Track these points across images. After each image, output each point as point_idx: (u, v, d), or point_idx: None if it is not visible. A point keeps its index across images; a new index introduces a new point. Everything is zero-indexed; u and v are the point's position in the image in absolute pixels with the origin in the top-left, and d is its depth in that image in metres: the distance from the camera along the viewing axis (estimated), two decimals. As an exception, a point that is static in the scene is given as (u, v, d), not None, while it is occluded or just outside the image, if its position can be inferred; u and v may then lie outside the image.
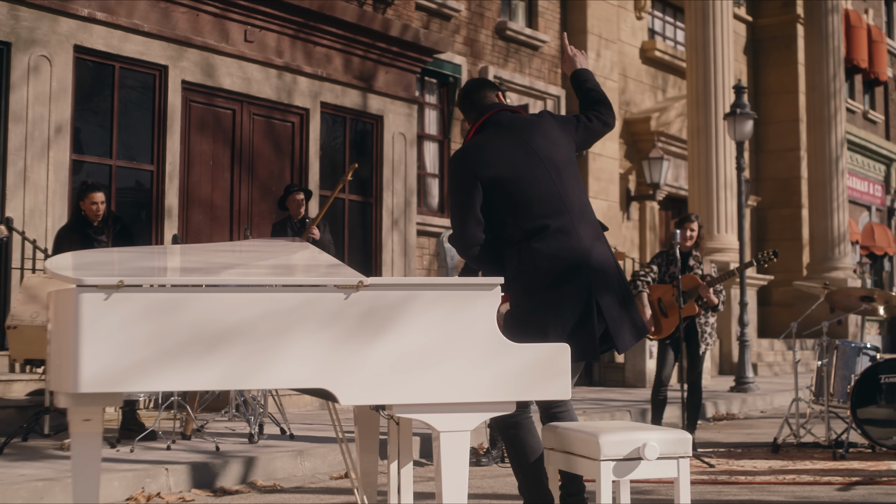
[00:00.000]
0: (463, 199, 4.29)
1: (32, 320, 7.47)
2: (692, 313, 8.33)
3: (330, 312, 3.57)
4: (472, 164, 4.36)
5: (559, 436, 4.35)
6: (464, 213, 4.29)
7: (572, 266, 4.29)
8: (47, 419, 8.03)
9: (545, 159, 4.40)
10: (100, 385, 3.40)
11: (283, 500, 6.55)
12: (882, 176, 31.19)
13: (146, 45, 10.83)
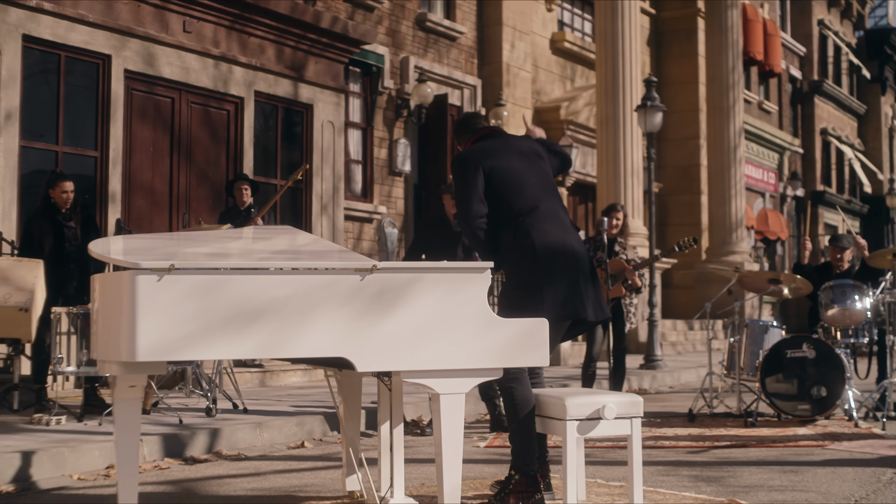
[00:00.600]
0: (468, 182, 4.99)
1: (6, 301, 7.87)
2: (619, 295, 9.08)
3: (348, 291, 4.16)
4: (477, 157, 5.10)
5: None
6: (469, 192, 5.00)
7: (560, 243, 5.00)
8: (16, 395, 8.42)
9: (534, 160, 5.11)
10: (154, 354, 3.93)
11: (251, 466, 7.08)
12: (776, 164, 32.62)
13: (91, 34, 11.16)
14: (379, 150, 16.67)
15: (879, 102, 42.73)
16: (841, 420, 9.16)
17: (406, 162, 16.96)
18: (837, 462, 6.82)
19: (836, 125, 38.60)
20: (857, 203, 40.30)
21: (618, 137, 19.47)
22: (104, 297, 4.35)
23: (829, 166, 37.84)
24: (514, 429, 4.90)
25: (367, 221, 16.18)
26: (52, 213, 8.70)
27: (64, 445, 6.89)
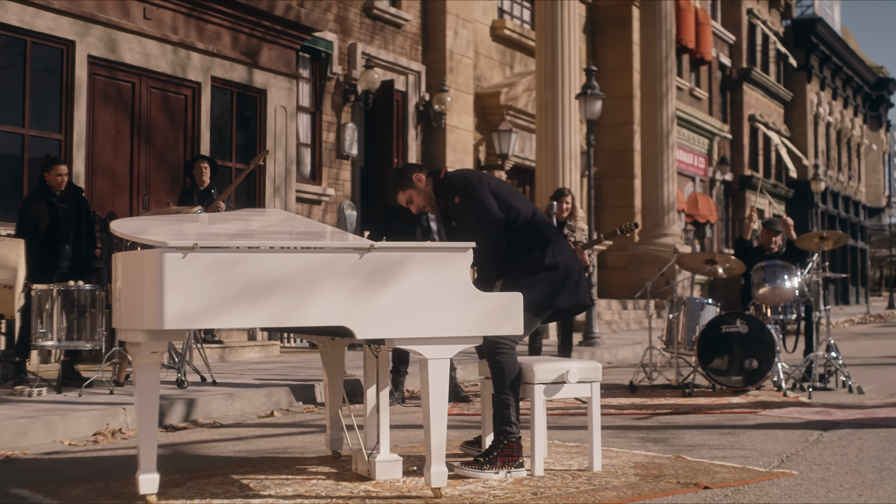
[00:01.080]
0: (487, 200, 5.62)
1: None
2: (567, 273, 9.69)
3: (349, 268, 4.70)
4: (484, 181, 5.66)
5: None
6: (491, 208, 5.60)
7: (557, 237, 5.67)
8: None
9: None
10: (179, 323, 4.45)
11: (230, 432, 7.58)
12: (705, 149, 33.59)
13: (56, 21, 11.50)
14: (327, 134, 17.13)
15: (805, 90, 44.01)
16: (770, 391, 9.89)
17: (353, 146, 17.45)
18: (769, 426, 7.52)
19: (764, 112, 39.74)
20: (783, 187, 41.54)
21: (556, 123, 20.10)
22: (127, 274, 4.85)
23: (757, 152, 38.97)
24: (502, 398, 5.44)
25: (316, 203, 16.66)
26: (47, 195, 9.14)
27: (54, 414, 7.34)
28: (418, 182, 5.81)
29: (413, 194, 5.81)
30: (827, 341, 10.10)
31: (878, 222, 55.90)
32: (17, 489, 5.28)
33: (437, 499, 4.83)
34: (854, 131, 52.78)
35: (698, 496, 4.90)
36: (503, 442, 5.40)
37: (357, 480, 5.35)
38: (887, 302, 44.77)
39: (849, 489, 5.06)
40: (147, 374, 4.82)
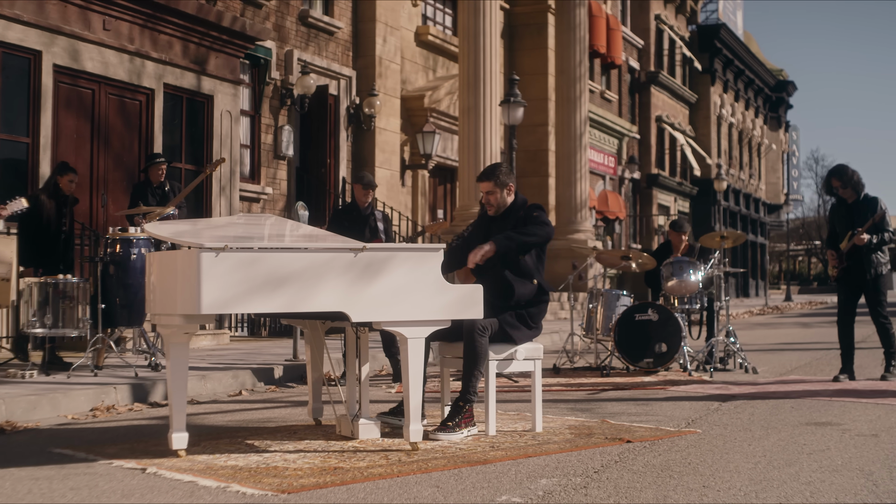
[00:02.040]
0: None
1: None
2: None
3: (345, 265, 5.83)
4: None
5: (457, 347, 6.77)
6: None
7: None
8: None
9: None
10: (213, 309, 5.54)
11: (212, 407, 8.63)
12: (615, 149, 35.19)
13: (24, 32, 12.37)
14: (265, 136, 18.14)
15: (709, 92, 46.01)
16: (677, 371, 11.24)
17: (290, 147, 18.49)
18: (676, 398, 8.83)
19: (670, 113, 41.56)
20: (688, 185, 43.44)
21: (479, 126, 21.33)
22: (161, 270, 5.93)
23: (663, 151, 40.76)
24: (473, 371, 6.59)
25: (254, 201, 17.67)
26: (57, 195, 10.13)
27: (56, 392, 8.33)
28: (509, 192, 6.98)
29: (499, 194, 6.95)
30: (726, 328, 11.48)
31: (777, 218, 58.39)
32: (58, 449, 6.31)
33: (415, 451, 5.99)
34: (755, 131, 55.13)
35: (623, 448, 6.14)
36: (464, 407, 6.58)
37: (343, 440, 6.49)
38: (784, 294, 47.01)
39: (741, 441, 6.35)
40: (179, 351, 5.90)
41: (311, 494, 4.86)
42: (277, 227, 6.88)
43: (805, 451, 5.96)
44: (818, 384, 9.87)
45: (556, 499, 4.70)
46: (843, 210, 10.08)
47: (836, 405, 8.17)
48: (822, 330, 20.88)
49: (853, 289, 10.10)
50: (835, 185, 10.04)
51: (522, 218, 6.98)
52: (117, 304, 9.99)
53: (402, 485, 5.08)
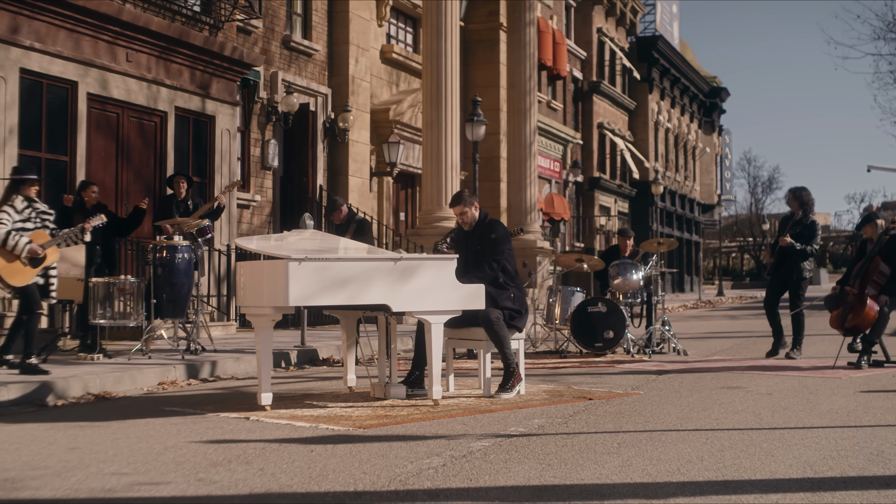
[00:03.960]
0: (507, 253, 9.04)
1: (67, 273, 11.32)
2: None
3: (388, 270, 8.07)
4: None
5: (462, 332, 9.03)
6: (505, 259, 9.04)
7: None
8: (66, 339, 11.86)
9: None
10: (297, 302, 7.74)
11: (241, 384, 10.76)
12: (560, 154, 37.63)
13: (64, 66, 14.39)
14: (254, 150, 20.26)
15: (647, 99, 48.69)
16: (622, 354, 13.58)
17: (275, 158, 20.61)
18: (622, 373, 11.17)
19: (611, 120, 44.13)
20: (627, 187, 46.06)
21: (441, 138, 23.53)
22: (250, 274, 8.14)
23: (605, 156, 43.32)
24: (501, 347, 8.79)
25: (245, 208, 19.78)
26: (82, 209, 12.16)
27: (132, 370, 10.44)
28: (474, 208, 9.19)
29: (469, 212, 9.17)
30: (662, 319, 13.87)
31: (711, 217, 61.37)
32: (168, 407, 8.48)
33: (437, 405, 8.25)
34: (690, 136, 58.02)
35: (587, 403, 8.45)
36: (514, 372, 8.85)
37: (378, 400, 8.73)
38: (717, 290, 49.84)
39: (671, 398, 8.69)
40: (265, 333, 8.11)
41: (378, 430, 7.09)
42: (332, 241, 9.11)
43: (717, 403, 8.32)
44: (735, 362, 12.29)
45: (547, 430, 6.98)
46: (787, 221, 12.70)
47: (746, 375, 10.58)
48: (747, 321, 23.43)
49: (780, 284, 12.62)
50: (790, 199, 12.69)
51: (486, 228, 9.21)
52: (164, 299, 12.09)
53: (438, 423, 7.33)
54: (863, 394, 8.93)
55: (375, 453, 6.03)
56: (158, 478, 5.39)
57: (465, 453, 5.98)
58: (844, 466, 5.49)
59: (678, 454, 5.86)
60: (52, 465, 5.82)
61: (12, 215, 10.16)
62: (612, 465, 5.57)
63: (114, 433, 7.05)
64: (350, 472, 5.46)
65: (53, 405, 8.90)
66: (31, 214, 10.35)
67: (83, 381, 9.64)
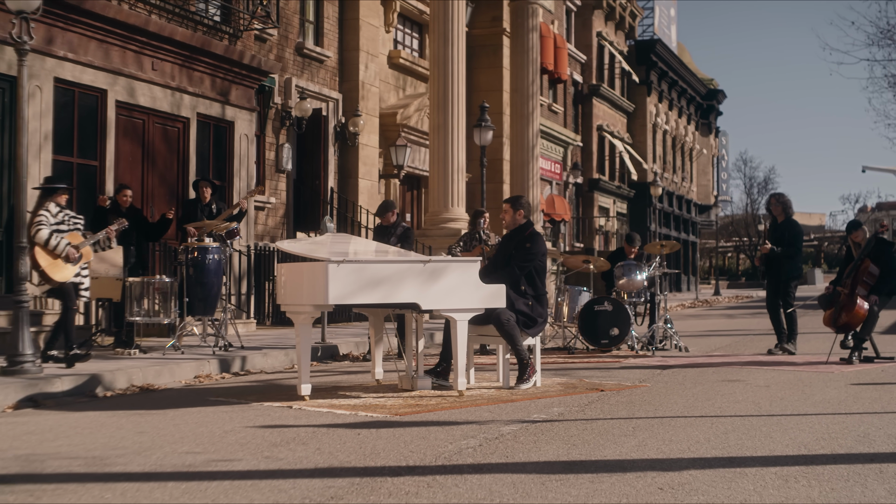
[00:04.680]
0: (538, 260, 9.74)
1: (107, 273, 12.03)
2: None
3: (418, 271, 8.79)
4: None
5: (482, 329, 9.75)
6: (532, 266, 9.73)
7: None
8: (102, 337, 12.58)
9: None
10: (335, 300, 8.45)
11: (282, 376, 11.49)
12: (561, 157, 38.36)
13: (95, 75, 15.10)
14: (269, 153, 20.97)
15: (645, 102, 49.45)
16: (626, 351, 14.31)
17: (289, 162, 21.32)
18: (629, 367, 11.89)
19: (610, 122, 44.88)
20: (626, 188, 46.82)
21: (447, 142, 24.22)
22: (290, 275, 8.86)
23: (604, 158, 44.07)
24: (514, 344, 9.50)
25: (260, 210, 20.49)
26: (117, 210, 12.88)
27: (170, 364, 11.14)
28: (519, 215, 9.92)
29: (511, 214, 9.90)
30: (665, 317, 14.60)
31: (707, 218, 62.15)
32: (213, 398, 9.19)
33: (461, 396, 8.97)
34: (687, 137, 58.79)
35: (599, 394, 9.17)
36: (527, 366, 9.55)
37: (406, 391, 9.44)
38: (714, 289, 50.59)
39: (677, 390, 9.41)
40: (305, 328, 8.82)
41: (413, 416, 7.80)
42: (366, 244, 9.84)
43: (719, 394, 9.05)
44: (734, 358, 13.02)
45: (566, 416, 7.70)
46: (774, 226, 13.40)
47: (745, 370, 11.32)
48: (744, 320, 24.18)
49: (774, 284, 13.37)
50: (773, 205, 13.42)
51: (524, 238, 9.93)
52: (195, 298, 12.81)
53: (466, 411, 8.05)
54: (853, 386, 9.67)
55: (416, 436, 6.75)
56: (229, 455, 6.10)
57: (496, 436, 6.70)
58: (834, 446, 6.22)
59: (687, 436, 6.59)
60: (128, 445, 6.54)
61: (49, 218, 10.88)
62: (630, 444, 6.29)
63: (172, 419, 7.77)
64: (398, 450, 6.18)
65: (103, 396, 9.60)
66: (63, 218, 11.08)
67: (127, 374, 10.35)
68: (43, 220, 10.75)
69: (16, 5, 10.07)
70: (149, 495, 5.01)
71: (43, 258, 10.63)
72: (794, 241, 13.28)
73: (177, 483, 5.28)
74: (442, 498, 4.86)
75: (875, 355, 12.29)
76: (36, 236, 10.62)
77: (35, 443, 6.72)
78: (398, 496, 4.90)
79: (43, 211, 10.86)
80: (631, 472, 5.39)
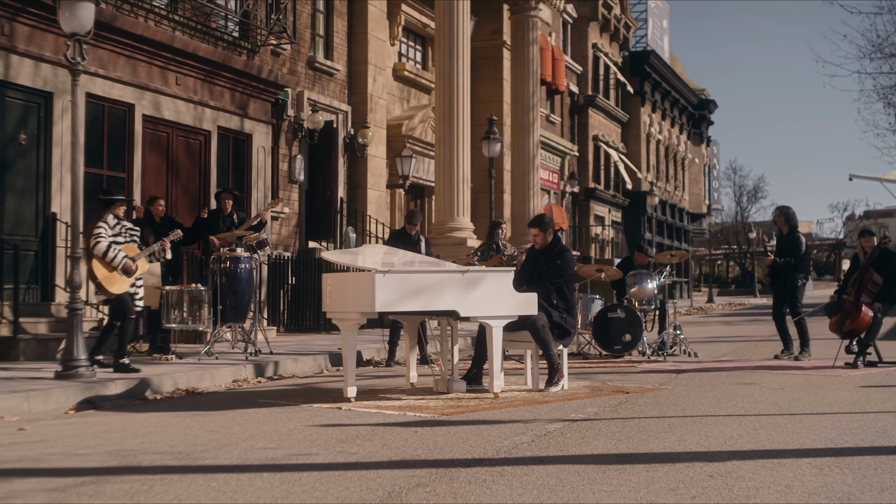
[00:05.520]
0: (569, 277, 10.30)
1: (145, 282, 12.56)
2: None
3: (457, 280, 9.35)
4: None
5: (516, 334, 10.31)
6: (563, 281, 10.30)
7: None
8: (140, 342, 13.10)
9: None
10: (382, 308, 9.01)
11: (315, 380, 12.03)
12: (558, 166, 38.98)
13: (123, 90, 15.63)
14: (282, 165, 21.52)
15: (640, 112, 50.15)
16: (638, 357, 14.89)
17: (301, 173, 21.87)
18: (645, 372, 12.47)
19: (605, 132, 45.54)
20: (620, 197, 47.47)
21: (453, 153, 24.84)
22: (334, 285, 9.43)
23: (599, 167, 44.73)
24: (546, 350, 10.07)
25: (275, 220, 21.02)
26: (151, 222, 13.41)
27: (210, 369, 11.67)
28: (549, 234, 10.48)
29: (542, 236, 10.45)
30: (674, 324, 15.19)
31: (700, 226, 62.89)
32: (262, 399, 9.73)
33: (497, 398, 9.53)
34: (680, 147, 59.53)
35: (625, 396, 9.74)
36: (557, 370, 10.12)
37: (441, 394, 10.00)
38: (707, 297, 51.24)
39: (698, 392, 9.99)
40: (351, 335, 9.37)
41: (458, 416, 8.35)
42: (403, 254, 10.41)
43: (738, 396, 9.63)
44: (743, 363, 13.61)
45: (602, 416, 8.27)
46: (779, 238, 14.01)
47: (756, 374, 11.91)
48: (742, 327, 24.81)
49: (780, 295, 13.95)
50: (778, 218, 14.01)
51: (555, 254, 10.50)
52: (227, 305, 13.34)
53: (506, 412, 8.61)
54: (862, 388, 10.27)
55: (470, 433, 7.31)
56: (304, 451, 6.65)
57: (544, 433, 7.27)
58: (857, 440, 6.81)
59: (720, 433, 7.17)
60: (205, 442, 7.08)
61: (108, 230, 11.39)
62: (671, 440, 6.86)
63: (234, 419, 8.30)
64: (459, 446, 6.74)
65: (153, 399, 10.14)
66: (120, 230, 11.59)
67: (173, 378, 10.88)
68: (102, 233, 11.25)
69: (70, 27, 10.61)
70: (250, 483, 5.55)
71: (100, 270, 11.14)
72: (795, 252, 13.88)
73: (270, 474, 5.83)
74: (517, 484, 5.42)
75: (878, 360, 12.89)
76: (94, 248, 11.13)
77: (117, 440, 7.24)
78: (477, 483, 5.45)
79: (101, 223, 11.36)
80: (679, 463, 5.96)
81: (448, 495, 5.18)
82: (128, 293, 11.48)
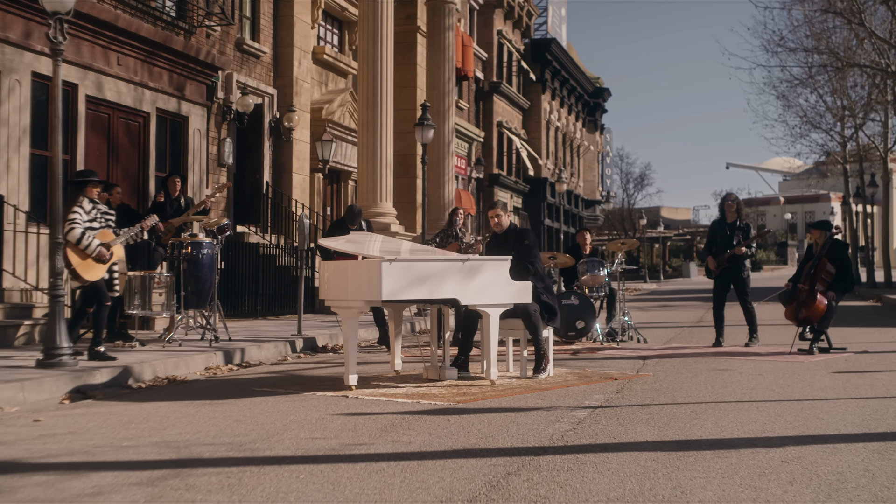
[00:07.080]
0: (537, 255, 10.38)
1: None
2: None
3: (458, 269, 9.41)
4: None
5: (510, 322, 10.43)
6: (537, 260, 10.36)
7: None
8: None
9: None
10: (387, 296, 9.02)
11: (281, 369, 11.95)
12: (466, 152, 39.19)
13: (68, 70, 15.20)
14: (211, 147, 21.19)
15: (540, 99, 50.69)
16: (589, 343, 15.15)
17: (230, 156, 21.58)
18: (611, 358, 12.70)
19: (509, 119, 45.93)
20: (522, 184, 47.97)
21: (376, 138, 24.78)
22: (333, 272, 9.40)
23: (503, 153, 45.10)
24: (536, 336, 10.20)
25: (204, 203, 20.71)
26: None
27: (184, 356, 11.50)
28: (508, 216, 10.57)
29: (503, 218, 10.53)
30: (623, 310, 15.49)
31: (593, 212, 63.94)
32: (256, 388, 9.65)
33: (494, 386, 9.63)
34: (576, 134, 60.39)
35: (615, 383, 9.94)
36: (544, 356, 10.24)
37: (434, 381, 10.05)
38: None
39: (681, 379, 10.25)
40: (352, 323, 9.37)
41: (474, 404, 8.42)
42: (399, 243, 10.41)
43: (722, 383, 9.92)
44: (696, 348, 13.98)
45: (613, 403, 8.44)
46: (725, 227, 14.25)
47: (724, 359, 12.26)
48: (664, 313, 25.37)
49: (726, 283, 14.30)
50: (729, 206, 14.25)
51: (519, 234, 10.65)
52: (189, 291, 13.14)
53: (515, 399, 8.72)
54: (836, 374, 10.66)
55: (505, 421, 7.39)
56: (356, 441, 6.64)
57: (577, 420, 7.40)
58: (884, 426, 7.11)
59: (748, 419, 7.40)
60: (244, 433, 7.00)
61: (83, 215, 11.11)
62: (707, 426, 7.06)
63: (250, 409, 8.22)
64: (502, 435, 6.81)
65: (137, 387, 9.97)
66: (96, 215, 11.32)
67: (151, 366, 10.71)
68: (76, 219, 10.97)
69: (52, 6, 10.32)
70: (333, 474, 5.54)
71: (74, 257, 10.87)
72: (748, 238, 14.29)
73: (348, 465, 5.81)
74: (605, 470, 5.54)
75: (829, 347, 13.38)
76: (68, 235, 10.84)
77: (149, 431, 7.12)
78: (565, 472, 5.55)
79: (77, 208, 11.08)
80: (742, 449, 6.16)
81: (549, 484, 5.26)
82: (103, 279, 11.23)
